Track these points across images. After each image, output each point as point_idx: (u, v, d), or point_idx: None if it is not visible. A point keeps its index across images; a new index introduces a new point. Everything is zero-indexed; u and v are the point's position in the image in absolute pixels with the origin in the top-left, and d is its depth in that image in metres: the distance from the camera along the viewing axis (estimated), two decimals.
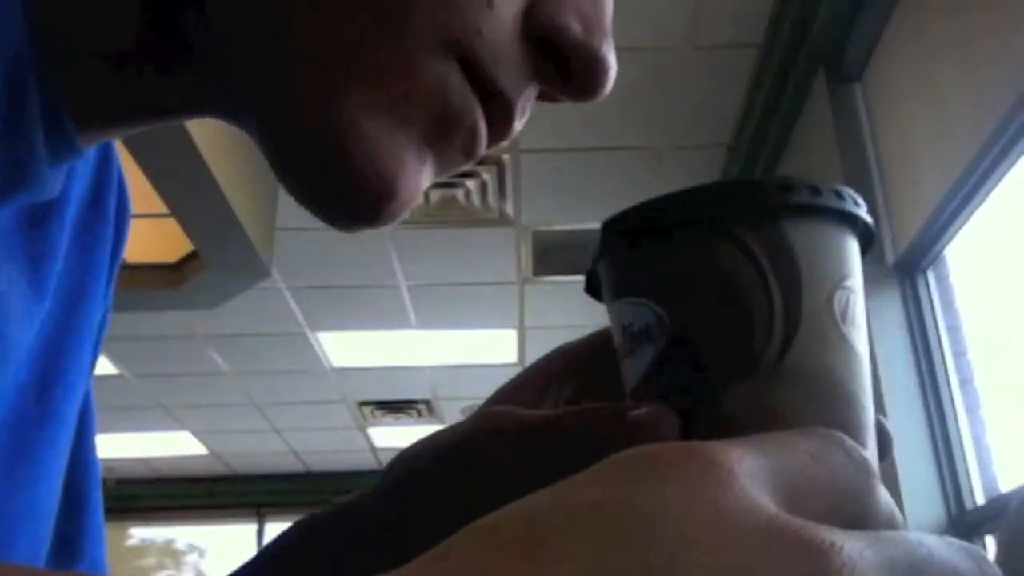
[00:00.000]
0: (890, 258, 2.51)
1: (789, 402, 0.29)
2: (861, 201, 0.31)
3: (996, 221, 2.25)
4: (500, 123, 0.36)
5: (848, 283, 0.30)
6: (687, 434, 0.29)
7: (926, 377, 2.40)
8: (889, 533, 0.23)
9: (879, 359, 2.41)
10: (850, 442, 0.26)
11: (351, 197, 0.34)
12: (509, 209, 3.77)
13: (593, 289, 0.35)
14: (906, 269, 2.49)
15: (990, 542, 2.22)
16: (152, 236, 3.75)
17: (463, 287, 4.42)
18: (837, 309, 0.30)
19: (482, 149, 0.36)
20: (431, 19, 0.32)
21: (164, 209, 3.20)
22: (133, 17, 0.34)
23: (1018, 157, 2.00)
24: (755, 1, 2.75)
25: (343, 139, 0.33)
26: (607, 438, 0.28)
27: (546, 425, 0.34)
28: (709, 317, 0.30)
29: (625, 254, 0.32)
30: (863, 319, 0.31)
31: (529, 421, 0.35)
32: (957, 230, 2.31)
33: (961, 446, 2.33)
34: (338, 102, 0.32)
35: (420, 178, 0.35)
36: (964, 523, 2.26)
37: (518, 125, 0.37)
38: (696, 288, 0.30)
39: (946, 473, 2.32)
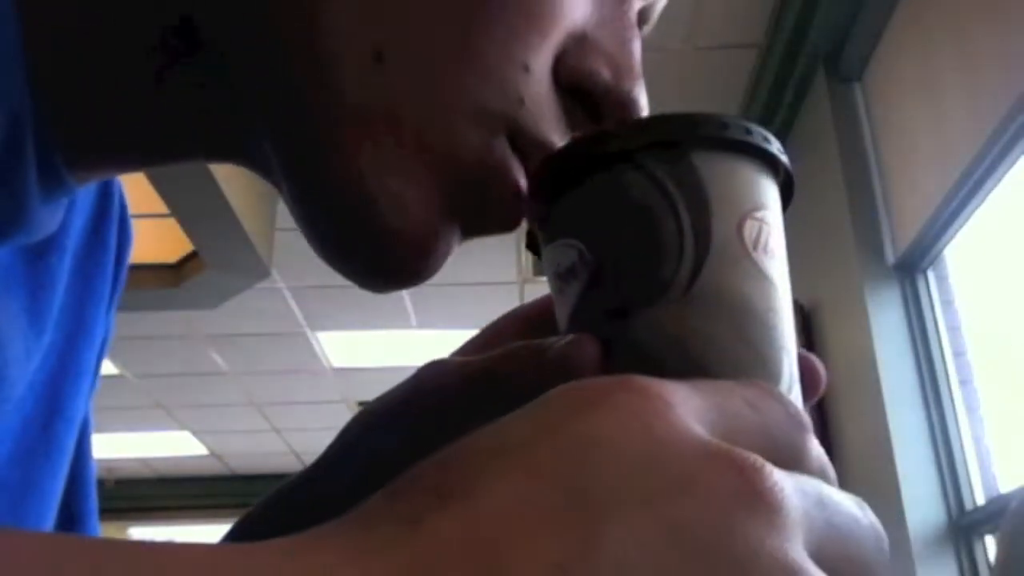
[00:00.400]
0: (890, 258, 2.51)
1: (701, 326, 0.29)
2: (773, 140, 0.32)
3: (996, 221, 2.25)
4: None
5: (760, 214, 0.31)
6: (606, 364, 0.30)
7: (926, 377, 2.40)
8: (803, 476, 0.25)
9: (879, 359, 2.41)
10: (787, 397, 0.27)
11: (380, 262, 0.34)
12: None
13: (533, 245, 0.36)
14: (906, 269, 2.49)
15: (990, 542, 2.23)
16: (152, 236, 3.75)
17: (463, 287, 4.42)
18: (748, 237, 0.30)
19: (518, 222, 0.36)
20: (474, 92, 0.32)
21: (164, 209, 3.20)
22: (141, 69, 0.33)
23: (1018, 157, 2.00)
24: (755, 1, 2.75)
25: (375, 206, 0.32)
26: (537, 375, 0.29)
27: (479, 370, 0.34)
28: (622, 246, 0.30)
29: (550, 200, 0.32)
30: (781, 251, 0.31)
31: (465, 369, 0.35)
32: (957, 230, 2.32)
33: (961, 446, 2.33)
34: (372, 169, 0.32)
35: (446, 245, 0.35)
36: (964, 523, 2.27)
37: None
38: (609, 219, 0.31)
39: (946, 473, 2.32)
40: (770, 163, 0.32)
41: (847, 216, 2.58)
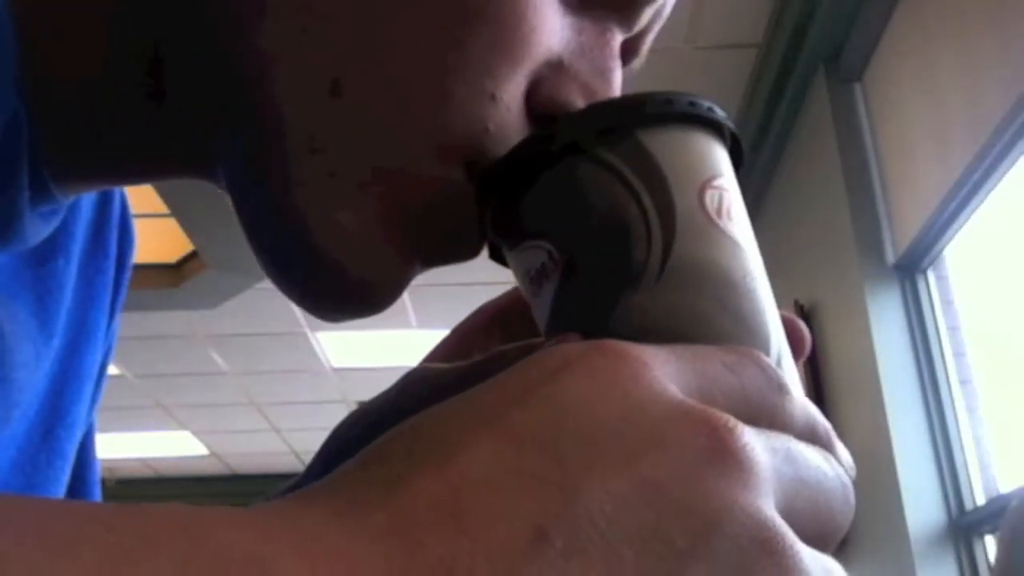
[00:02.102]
0: (890, 258, 2.51)
1: (681, 303, 0.29)
2: (718, 109, 0.32)
3: (996, 221, 2.25)
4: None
5: (718, 182, 0.31)
6: None
7: (926, 377, 2.40)
8: (775, 433, 0.25)
9: (879, 359, 2.41)
10: (766, 360, 0.27)
11: (329, 294, 0.34)
12: None
13: (496, 254, 0.35)
14: (906, 269, 2.49)
15: (990, 542, 2.23)
16: (152, 236, 3.75)
17: (463, 287, 4.42)
18: (711, 206, 0.30)
19: (479, 252, 0.35)
20: (436, 125, 0.32)
21: (164, 209, 3.20)
22: (125, 82, 0.33)
23: (1018, 157, 2.00)
24: (755, 1, 2.75)
25: (320, 238, 0.32)
26: None
27: (466, 375, 0.34)
28: (589, 238, 0.30)
29: (505, 205, 0.32)
30: (743, 216, 0.31)
31: (450, 374, 0.35)
32: (957, 230, 2.32)
33: (961, 446, 2.33)
34: (321, 203, 0.32)
35: (407, 273, 0.34)
36: (964, 523, 2.27)
37: None
38: (572, 214, 0.30)
39: (946, 473, 2.32)
40: (717, 131, 0.32)
41: (847, 216, 2.58)
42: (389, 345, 5.05)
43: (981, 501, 2.26)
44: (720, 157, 0.32)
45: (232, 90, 0.32)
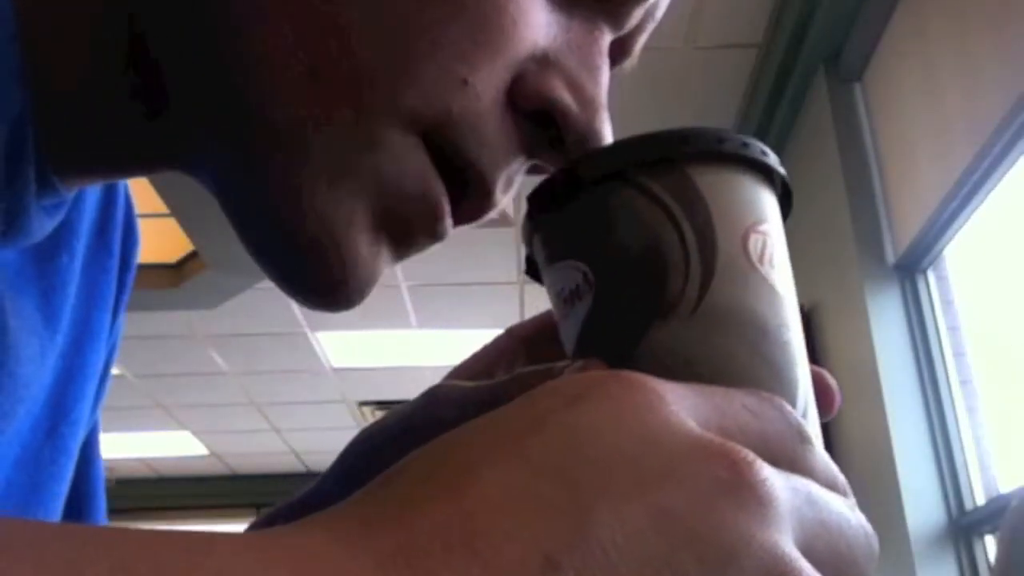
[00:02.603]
0: (890, 258, 2.51)
1: (712, 344, 0.29)
2: (771, 153, 0.31)
3: (996, 221, 2.25)
4: (476, 200, 0.35)
5: (763, 228, 0.30)
6: None
7: (926, 377, 2.40)
8: (794, 475, 0.25)
9: (879, 359, 2.41)
10: (789, 408, 0.27)
11: (297, 275, 0.34)
12: (509, 209, 3.76)
13: (533, 271, 0.35)
14: (906, 269, 2.49)
15: (990, 542, 2.23)
16: (152, 236, 3.74)
17: (463, 287, 4.42)
18: (754, 251, 0.30)
19: (446, 231, 0.35)
20: (395, 98, 0.31)
21: (164, 209, 3.20)
22: (117, 73, 0.33)
23: (1018, 157, 2.00)
24: (755, 1, 2.75)
25: (295, 223, 0.32)
26: None
27: (486, 395, 0.34)
28: (626, 265, 0.30)
29: (547, 222, 0.32)
30: (786, 264, 0.31)
31: (470, 395, 0.35)
32: (957, 230, 2.32)
33: (961, 446, 2.33)
34: (293, 182, 0.32)
35: (375, 262, 0.34)
36: (964, 523, 2.27)
37: (500, 199, 0.36)
38: (611, 239, 0.30)
39: (946, 473, 2.32)
40: (768, 176, 0.32)
41: (847, 216, 2.58)
42: (389, 345, 5.05)
43: (981, 501, 2.26)
44: (768, 202, 0.31)
45: (215, 77, 0.32)
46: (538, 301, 3.64)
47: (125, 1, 0.33)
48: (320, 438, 6.61)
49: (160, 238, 3.73)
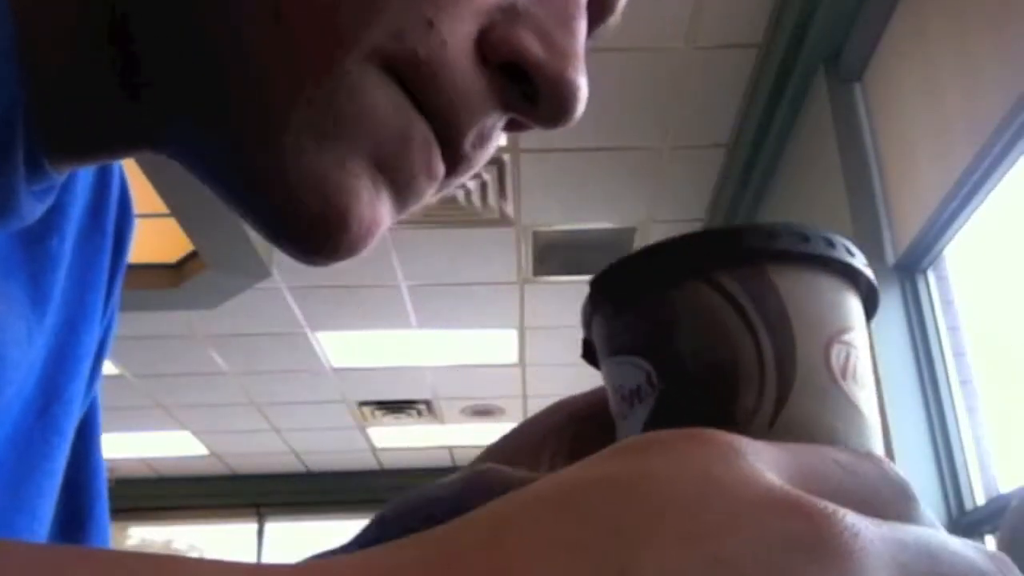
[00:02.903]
0: (890, 258, 2.51)
1: None
2: (856, 251, 0.29)
3: (996, 221, 2.25)
4: (447, 147, 0.34)
5: (847, 337, 0.28)
6: None
7: (926, 377, 2.40)
8: (904, 524, 0.22)
9: (879, 359, 2.41)
10: (890, 463, 0.24)
11: (305, 232, 0.33)
12: (509, 209, 3.77)
13: (589, 354, 0.33)
14: (906, 269, 2.49)
15: (990, 542, 2.22)
16: (152, 236, 3.74)
17: (463, 287, 4.42)
18: (836, 364, 0.27)
19: (440, 173, 0.34)
20: (361, 40, 0.31)
21: (164, 209, 3.20)
22: (100, 52, 0.33)
23: (1018, 157, 2.00)
24: (755, 1, 2.75)
25: (288, 174, 0.32)
26: None
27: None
28: (696, 370, 0.28)
29: (610, 310, 0.30)
30: (869, 378, 0.29)
31: (518, 485, 0.35)
32: (957, 230, 2.32)
33: (961, 446, 2.33)
34: (278, 133, 0.31)
35: (377, 207, 0.33)
36: (964, 523, 2.26)
37: (470, 154, 0.35)
38: (679, 339, 0.28)
39: (946, 473, 2.32)
40: (853, 278, 0.29)
41: (847, 216, 2.58)
42: (389, 345, 5.05)
43: (981, 501, 2.26)
44: (853, 308, 0.29)
45: (191, 51, 0.32)
46: (538, 301, 3.67)
47: None
48: (320, 438, 6.61)
49: (160, 238, 3.73)
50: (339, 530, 7.27)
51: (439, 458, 7.19)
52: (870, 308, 0.30)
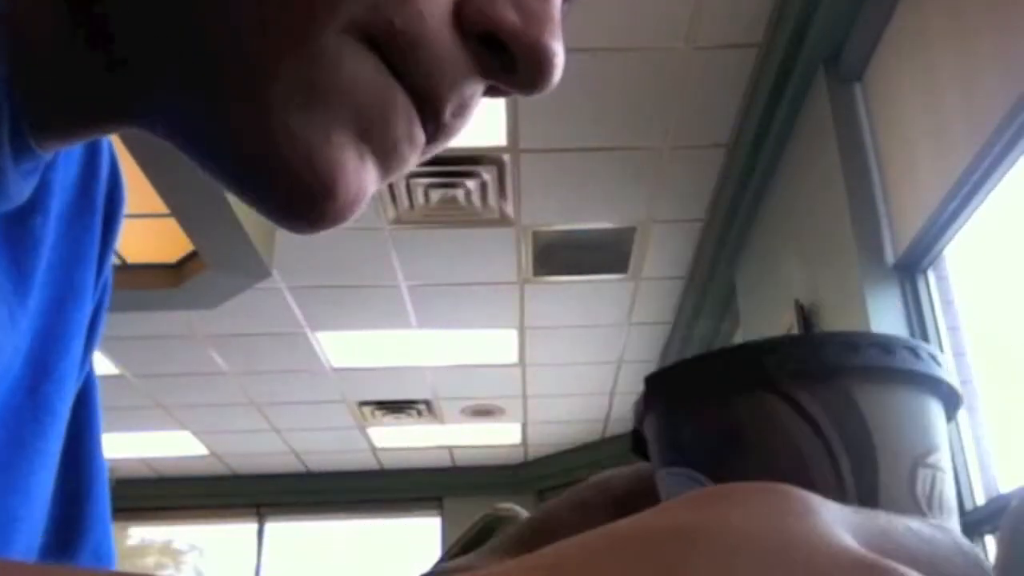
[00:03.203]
0: (890, 258, 2.51)
1: None
2: (941, 359, 0.27)
3: (996, 221, 2.25)
4: (427, 117, 0.34)
5: (933, 459, 0.26)
6: None
7: None
8: None
9: None
10: (963, 537, 0.23)
11: (293, 202, 0.33)
12: (509, 209, 3.77)
13: (639, 447, 0.31)
14: (906, 269, 2.49)
15: (990, 542, 2.22)
16: (152, 236, 3.74)
17: (463, 287, 4.42)
18: (922, 492, 0.25)
19: (421, 139, 0.35)
20: (338, 12, 0.31)
21: (164, 209, 3.20)
22: (77, 24, 0.33)
23: (1018, 157, 2.00)
24: (755, 1, 2.75)
25: (273, 146, 0.32)
26: None
27: None
28: None
29: (666, 414, 0.28)
30: (953, 503, 0.26)
31: None
32: (957, 230, 2.32)
33: (961, 446, 2.33)
34: (262, 107, 0.32)
35: (362, 175, 0.34)
36: (964, 523, 2.26)
37: (450, 122, 0.35)
38: (745, 457, 0.26)
39: None
40: (938, 389, 0.27)
41: (847, 216, 2.58)
42: (389, 345, 5.05)
43: (981, 501, 2.26)
44: (939, 425, 0.27)
45: (168, 25, 0.32)
46: (538, 301, 3.66)
47: None
48: (320, 438, 6.61)
49: (160, 238, 3.73)
50: (339, 530, 7.19)
51: (439, 458, 7.19)
52: (951, 413, 0.28)
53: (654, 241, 4.05)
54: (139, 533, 7.78)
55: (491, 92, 0.37)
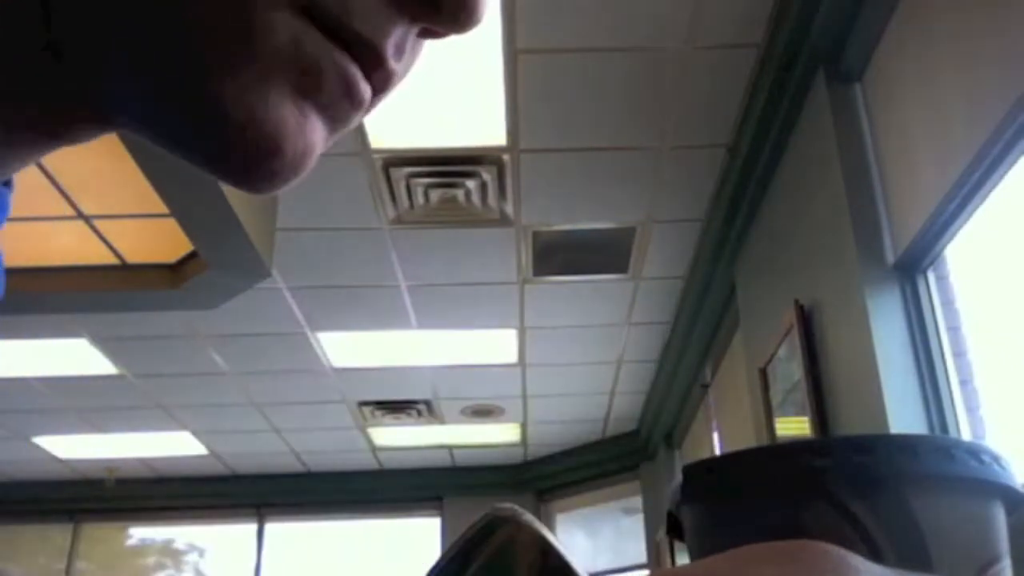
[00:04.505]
0: (890, 258, 2.51)
1: None
2: (1004, 461, 0.24)
3: (996, 221, 2.25)
4: (372, 67, 0.36)
5: (997, 569, 0.23)
6: None
7: (926, 377, 2.40)
8: None
9: (879, 359, 2.41)
10: None
11: (244, 165, 0.35)
12: (509, 209, 3.77)
13: (675, 529, 0.30)
14: (906, 269, 2.49)
15: None
16: (152, 236, 3.75)
17: (463, 287, 4.42)
18: None
19: (364, 92, 0.36)
20: None
21: (164, 209, 3.20)
22: (18, 30, 0.34)
23: (1018, 157, 2.00)
24: (755, 1, 2.75)
25: (217, 113, 0.33)
26: None
27: None
28: None
29: (706, 508, 0.26)
30: None
31: None
32: (957, 230, 2.32)
33: None
34: (201, 78, 0.33)
35: (306, 130, 0.35)
36: None
37: (395, 66, 0.36)
38: None
39: None
40: (1003, 493, 0.25)
41: (847, 216, 2.58)
42: (389, 345, 5.05)
43: None
44: (1002, 531, 0.24)
45: (104, 11, 0.33)
46: (538, 301, 3.66)
47: None
48: (320, 438, 6.61)
49: (160, 238, 3.73)
50: (339, 530, 7.19)
51: (439, 458, 7.19)
52: (1013, 511, 0.25)
53: (654, 241, 4.05)
54: (139, 533, 7.78)
55: (425, 35, 0.38)
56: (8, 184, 0.39)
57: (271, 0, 0.33)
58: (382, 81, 0.36)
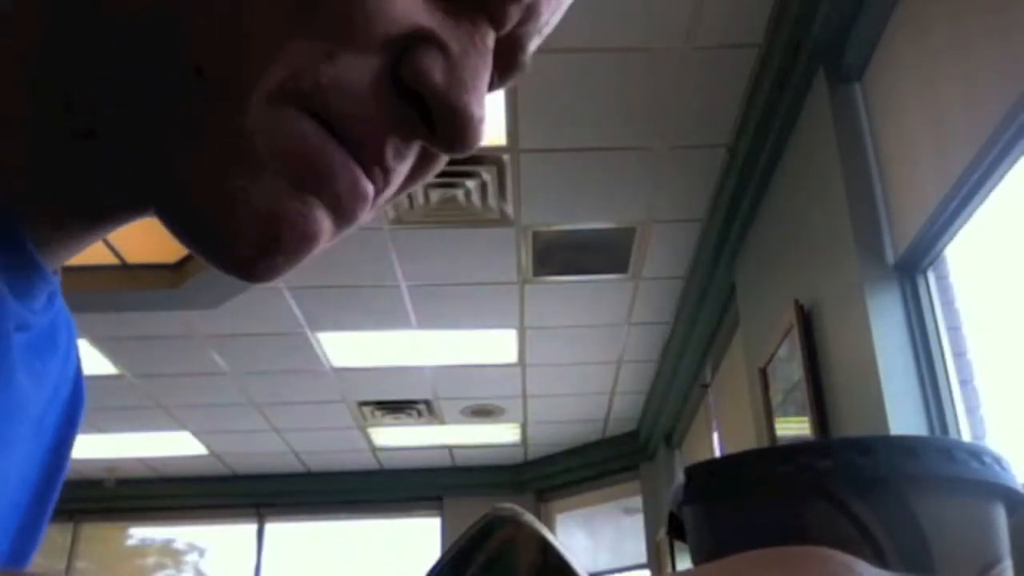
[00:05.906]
0: (890, 258, 2.51)
1: None
2: (1006, 462, 0.25)
3: (996, 221, 2.25)
4: (371, 164, 0.36)
5: (998, 569, 0.24)
6: None
7: (926, 377, 2.40)
8: None
9: (879, 359, 2.41)
10: None
11: (247, 258, 0.35)
12: (509, 209, 3.77)
13: (677, 529, 0.31)
14: (906, 269, 2.49)
15: None
16: (152, 236, 3.75)
17: (463, 287, 4.42)
18: None
19: (366, 187, 0.36)
20: (262, 84, 0.33)
21: None
22: (53, 128, 0.36)
23: (1018, 157, 2.00)
24: (755, 1, 2.75)
25: (226, 207, 0.34)
26: None
27: None
28: None
29: (707, 509, 0.27)
30: None
31: None
32: (957, 230, 2.32)
33: None
34: (215, 177, 0.34)
35: (308, 220, 0.36)
36: None
37: (393, 165, 0.37)
38: None
39: None
40: (1004, 495, 0.25)
41: (847, 216, 2.58)
42: (389, 345, 5.05)
43: None
44: (1004, 533, 0.25)
45: (126, 85, 0.35)
46: (538, 301, 3.65)
47: (55, 67, 0.35)
48: (320, 438, 6.61)
49: (160, 238, 3.73)
50: (339, 530, 7.18)
51: (439, 458, 7.19)
52: (1015, 514, 0.26)
53: (654, 241, 4.05)
54: (139, 533, 7.78)
55: (424, 153, 0.39)
56: (57, 273, 0.41)
57: (275, 98, 0.34)
58: (382, 179, 0.37)
